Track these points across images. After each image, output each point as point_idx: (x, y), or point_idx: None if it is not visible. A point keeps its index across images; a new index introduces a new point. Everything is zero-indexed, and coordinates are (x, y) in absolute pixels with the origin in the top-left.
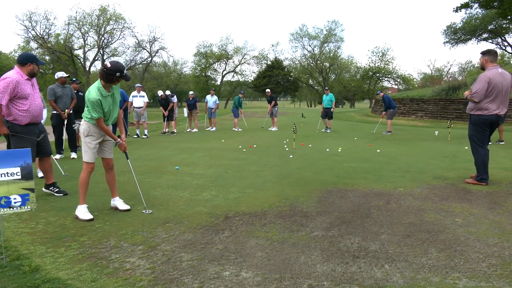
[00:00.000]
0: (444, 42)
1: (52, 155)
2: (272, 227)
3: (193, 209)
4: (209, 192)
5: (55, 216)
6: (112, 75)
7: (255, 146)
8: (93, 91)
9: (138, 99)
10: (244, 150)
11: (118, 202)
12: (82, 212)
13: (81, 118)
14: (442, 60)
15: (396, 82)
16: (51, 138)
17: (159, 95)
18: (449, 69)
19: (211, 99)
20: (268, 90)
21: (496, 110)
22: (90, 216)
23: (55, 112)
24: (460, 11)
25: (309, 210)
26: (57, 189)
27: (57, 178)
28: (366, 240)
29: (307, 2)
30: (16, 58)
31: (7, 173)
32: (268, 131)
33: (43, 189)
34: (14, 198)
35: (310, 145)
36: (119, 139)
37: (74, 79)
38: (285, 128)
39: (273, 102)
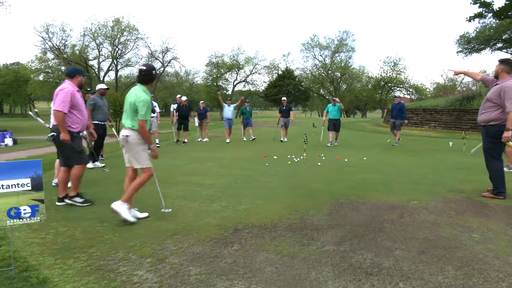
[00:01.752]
0: (457, 52)
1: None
2: (282, 241)
3: (203, 220)
4: (219, 203)
5: (65, 226)
6: (150, 74)
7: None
8: (142, 93)
9: None
10: (267, 163)
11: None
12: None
13: None
14: (451, 72)
15: (408, 92)
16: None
17: (183, 100)
18: (463, 79)
19: (228, 109)
20: (284, 98)
21: None
22: (140, 216)
23: (95, 121)
24: (474, 20)
25: (320, 223)
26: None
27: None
28: (379, 256)
29: (319, 13)
30: (32, 68)
31: (18, 184)
32: (278, 141)
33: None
34: (24, 209)
35: (323, 157)
36: (153, 145)
37: (88, 89)
38: (295, 138)
39: (291, 113)
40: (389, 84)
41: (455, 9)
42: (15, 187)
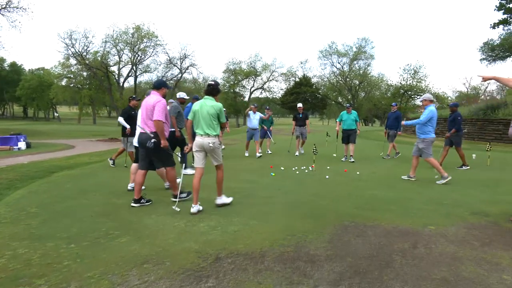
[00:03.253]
0: (480, 59)
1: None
2: (268, 276)
3: (183, 244)
4: (208, 222)
5: (26, 247)
6: (217, 87)
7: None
8: (217, 103)
9: None
10: (272, 173)
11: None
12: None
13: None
14: (479, 78)
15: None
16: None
17: None
18: (487, 87)
19: (253, 117)
20: (300, 104)
21: None
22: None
23: (172, 129)
24: (498, 27)
25: (317, 253)
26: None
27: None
28: None
29: (337, 20)
30: (55, 73)
31: None
32: (292, 153)
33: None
34: None
35: (328, 167)
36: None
37: (134, 96)
38: (306, 147)
39: (307, 122)
40: (409, 92)
41: (478, 15)
42: None
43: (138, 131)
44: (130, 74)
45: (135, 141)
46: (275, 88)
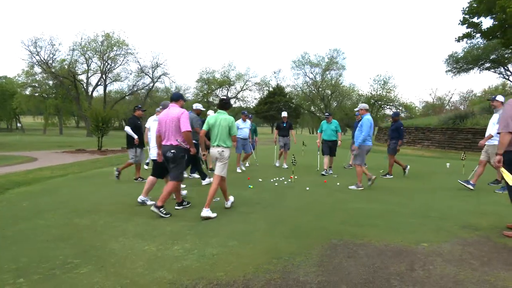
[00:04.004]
0: (446, 71)
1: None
2: None
3: (154, 274)
4: (182, 245)
5: None
6: (229, 102)
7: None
8: (230, 116)
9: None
10: (250, 185)
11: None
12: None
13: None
14: (444, 89)
15: (398, 110)
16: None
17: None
18: (451, 98)
19: (243, 126)
20: (284, 114)
21: None
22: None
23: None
24: (462, 41)
25: (307, 279)
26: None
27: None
28: None
29: (309, 31)
30: (19, 82)
31: None
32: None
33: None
34: None
35: (307, 178)
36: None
37: (139, 106)
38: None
39: (292, 132)
40: (379, 102)
41: (444, 29)
42: None
43: (153, 144)
44: (99, 83)
45: (153, 155)
46: (249, 97)
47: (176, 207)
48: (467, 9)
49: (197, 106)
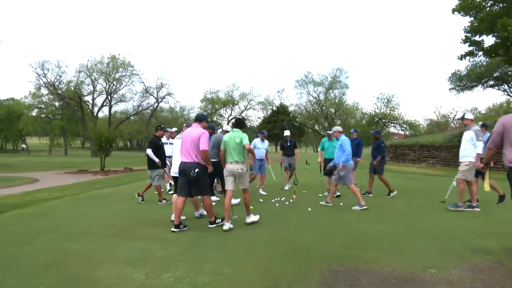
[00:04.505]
0: (449, 89)
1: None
2: None
3: None
4: (173, 272)
5: None
6: (244, 121)
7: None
8: (243, 133)
9: (169, 147)
10: (251, 207)
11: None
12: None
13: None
14: (448, 107)
15: (402, 128)
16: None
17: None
18: (455, 115)
19: (260, 146)
20: (287, 132)
21: None
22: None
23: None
24: (465, 59)
25: None
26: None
27: None
28: None
29: (312, 50)
30: (26, 103)
31: None
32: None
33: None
34: None
35: (309, 198)
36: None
37: (162, 126)
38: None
39: (296, 151)
40: (383, 120)
41: (447, 47)
42: None
43: (176, 160)
44: (104, 104)
45: (174, 171)
46: (253, 116)
47: (175, 229)
48: (468, 27)
49: (227, 128)
